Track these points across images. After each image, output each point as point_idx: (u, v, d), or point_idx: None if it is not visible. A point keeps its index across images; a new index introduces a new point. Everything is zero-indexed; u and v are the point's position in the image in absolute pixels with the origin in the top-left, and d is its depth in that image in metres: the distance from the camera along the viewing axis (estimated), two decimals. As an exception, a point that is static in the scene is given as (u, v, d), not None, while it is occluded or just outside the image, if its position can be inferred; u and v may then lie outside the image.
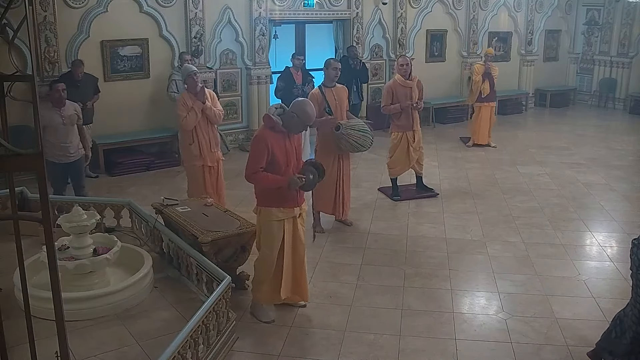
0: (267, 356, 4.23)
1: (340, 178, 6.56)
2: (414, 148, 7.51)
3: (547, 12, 14.23)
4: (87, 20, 8.60)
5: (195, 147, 6.21)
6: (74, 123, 6.38)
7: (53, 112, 6.23)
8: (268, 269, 4.60)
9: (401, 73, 7.37)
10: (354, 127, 6.30)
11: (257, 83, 10.37)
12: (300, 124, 4.48)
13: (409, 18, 12.07)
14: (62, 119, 6.26)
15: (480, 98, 10.39)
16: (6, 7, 2.25)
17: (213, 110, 6.21)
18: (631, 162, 9.73)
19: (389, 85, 7.49)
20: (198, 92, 6.11)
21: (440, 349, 4.32)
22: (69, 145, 6.34)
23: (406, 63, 7.37)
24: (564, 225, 6.85)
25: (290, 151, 4.49)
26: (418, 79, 7.47)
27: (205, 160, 6.26)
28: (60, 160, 6.33)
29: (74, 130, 6.40)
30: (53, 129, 6.21)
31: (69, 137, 6.33)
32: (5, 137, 2.07)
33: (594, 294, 5.17)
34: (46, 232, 2.19)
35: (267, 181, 4.40)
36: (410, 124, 7.44)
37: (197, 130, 6.18)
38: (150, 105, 9.39)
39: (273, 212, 4.48)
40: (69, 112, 6.33)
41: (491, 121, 10.55)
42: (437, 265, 5.75)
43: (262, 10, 10.12)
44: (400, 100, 7.31)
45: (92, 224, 4.66)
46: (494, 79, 10.35)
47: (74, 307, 4.20)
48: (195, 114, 6.11)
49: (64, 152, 6.32)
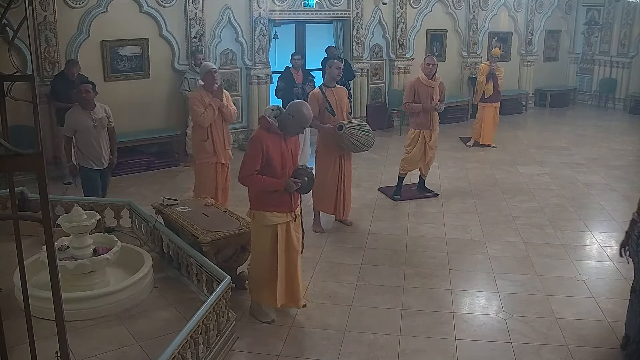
0: (267, 356, 4.23)
1: (341, 178, 6.56)
2: (429, 147, 7.53)
3: (547, 12, 14.23)
4: (87, 20, 8.60)
5: (210, 144, 6.23)
6: (104, 126, 6.11)
7: (84, 115, 6.00)
8: (261, 272, 4.57)
9: (426, 72, 7.39)
10: (357, 126, 6.31)
11: (257, 83, 10.36)
12: (297, 126, 4.43)
13: (409, 18, 12.06)
14: (93, 122, 6.00)
15: (484, 98, 10.40)
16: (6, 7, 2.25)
17: (229, 109, 6.26)
18: (631, 162, 9.73)
19: (412, 83, 7.53)
20: (216, 90, 6.13)
21: (440, 349, 4.32)
22: (102, 149, 6.10)
23: (432, 63, 7.40)
24: (564, 225, 6.85)
25: (286, 153, 4.44)
26: (441, 80, 7.50)
27: (219, 158, 6.30)
28: (94, 166, 6.11)
29: (104, 134, 6.14)
30: (85, 133, 6.01)
31: (101, 141, 6.09)
32: (5, 137, 2.07)
33: (594, 294, 5.17)
34: (46, 232, 2.19)
35: (262, 184, 4.35)
36: (429, 123, 7.45)
37: (212, 127, 6.21)
38: (150, 105, 9.38)
39: (267, 216, 4.43)
40: (100, 114, 6.07)
41: (494, 122, 10.54)
42: (437, 265, 5.75)
43: (262, 10, 10.12)
44: (422, 99, 7.33)
45: (92, 224, 4.67)
46: (499, 80, 10.34)
47: (74, 307, 4.21)
48: (213, 111, 6.14)
49: (98, 157, 6.09)
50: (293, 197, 4.51)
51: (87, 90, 5.99)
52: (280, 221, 4.47)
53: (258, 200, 4.47)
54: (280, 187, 4.37)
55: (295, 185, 4.39)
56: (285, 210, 4.47)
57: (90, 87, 6.04)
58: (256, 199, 4.49)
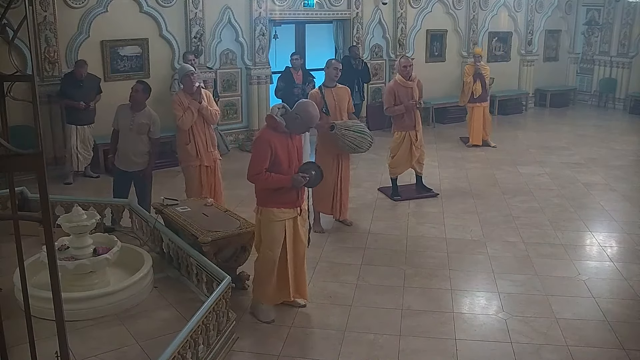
0: (267, 356, 4.23)
1: (339, 178, 6.56)
2: (416, 147, 7.53)
3: (547, 12, 14.22)
4: (87, 20, 8.61)
5: (192, 147, 6.20)
6: (142, 132, 6.01)
7: (126, 115, 5.98)
8: (270, 269, 4.59)
9: (403, 74, 7.36)
10: (350, 127, 6.27)
11: (257, 83, 10.36)
12: (303, 125, 4.48)
13: (409, 18, 12.06)
14: (130, 124, 5.96)
15: (473, 99, 10.33)
16: (6, 7, 2.25)
17: (209, 110, 6.20)
18: (631, 162, 9.72)
19: (390, 87, 7.49)
20: (194, 92, 6.11)
21: (440, 349, 4.32)
22: (132, 153, 6.04)
23: (409, 64, 7.37)
24: (564, 225, 6.85)
25: (293, 151, 4.49)
26: (418, 79, 7.48)
27: (202, 160, 6.26)
28: (121, 166, 6.11)
29: (141, 140, 6.04)
30: (122, 131, 6.01)
31: (134, 145, 6.02)
32: (6, 137, 2.07)
33: (594, 294, 5.16)
34: (46, 232, 2.19)
35: (271, 181, 4.39)
36: (413, 124, 7.45)
37: (193, 130, 6.18)
38: (150, 105, 9.29)
39: (274, 212, 4.47)
40: (142, 119, 5.99)
41: (486, 120, 10.49)
42: (437, 265, 5.75)
43: (262, 10, 10.12)
44: (402, 100, 7.31)
45: (92, 224, 4.67)
46: (485, 78, 10.30)
47: (74, 307, 4.21)
48: (192, 114, 6.10)
49: (126, 159, 6.07)
50: (300, 192, 4.55)
51: (136, 90, 5.94)
52: (288, 217, 4.51)
53: (265, 196, 4.50)
54: (288, 184, 4.41)
55: (304, 180, 4.44)
56: (291, 206, 4.52)
57: (140, 87, 5.97)
58: (263, 196, 4.52)
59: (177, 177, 8.60)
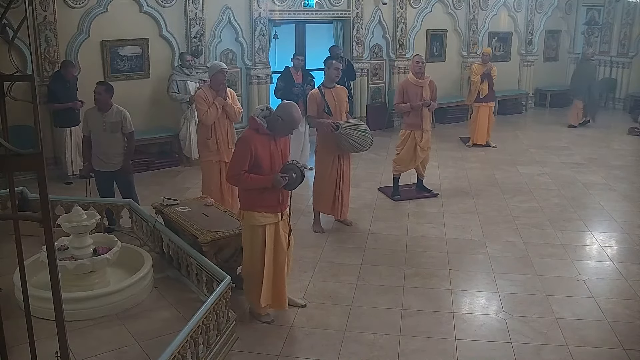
0: (267, 356, 4.23)
1: (340, 178, 6.56)
2: (421, 148, 7.51)
3: (547, 12, 14.22)
4: (87, 20, 8.60)
5: (213, 142, 6.27)
6: (116, 130, 6.01)
7: (96, 117, 5.99)
8: (252, 271, 4.54)
9: (415, 71, 7.40)
10: (354, 127, 6.31)
11: (257, 83, 10.36)
12: (286, 128, 4.40)
13: (409, 18, 12.06)
14: (103, 125, 5.97)
15: (479, 98, 10.39)
16: (6, 7, 2.25)
17: (233, 108, 6.29)
18: (631, 162, 9.72)
19: (401, 84, 7.57)
20: (220, 89, 6.16)
21: (440, 349, 4.32)
22: (111, 153, 6.04)
23: (422, 61, 7.40)
24: (564, 225, 6.85)
25: (276, 154, 4.41)
26: (430, 79, 7.50)
27: (221, 156, 6.31)
28: (102, 168, 6.10)
29: (116, 138, 6.04)
30: (95, 134, 6.01)
31: (111, 145, 6.02)
32: (6, 137, 2.07)
33: (594, 294, 5.16)
34: (46, 232, 2.19)
35: (250, 182, 4.33)
36: (419, 123, 7.44)
37: (215, 125, 6.25)
38: (150, 105, 9.38)
39: (255, 216, 4.41)
40: (113, 118, 5.99)
41: (490, 121, 10.54)
42: (437, 265, 5.75)
43: (262, 10, 10.11)
44: (410, 99, 7.33)
45: (92, 224, 4.67)
46: (493, 79, 10.34)
47: (74, 307, 4.21)
48: (217, 110, 6.17)
49: (106, 159, 6.06)
50: (282, 197, 4.47)
51: (99, 92, 5.95)
52: (269, 222, 4.44)
53: (247, 200, 4.45)
54: (267, 184, 4.33)
55: (283, 180, 4.33)
56: (273, 210, 4.44)
57: (102, 89, 5.98)
58: (245, 199, 4.47)
59: (177, 177, 8.62)
